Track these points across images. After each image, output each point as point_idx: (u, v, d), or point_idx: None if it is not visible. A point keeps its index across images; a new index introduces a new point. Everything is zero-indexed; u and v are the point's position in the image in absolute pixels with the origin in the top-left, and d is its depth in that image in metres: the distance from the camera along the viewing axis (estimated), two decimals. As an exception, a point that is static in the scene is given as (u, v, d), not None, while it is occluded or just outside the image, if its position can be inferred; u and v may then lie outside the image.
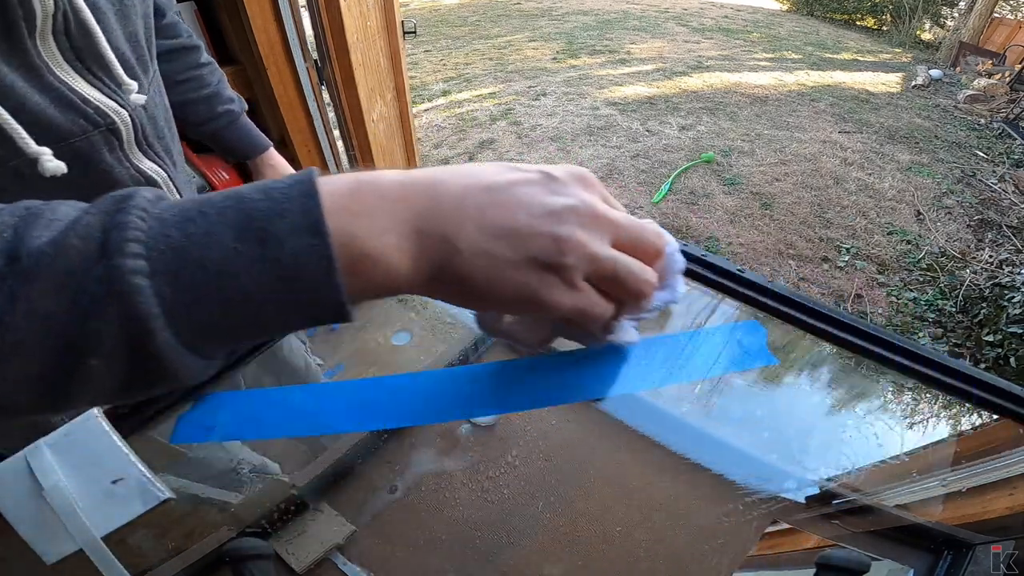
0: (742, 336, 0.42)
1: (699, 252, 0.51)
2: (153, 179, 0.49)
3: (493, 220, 0.23)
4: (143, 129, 0.47)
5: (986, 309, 2.21)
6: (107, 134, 0.42)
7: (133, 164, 0.47)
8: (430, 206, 0.23)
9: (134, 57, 0.46)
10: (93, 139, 0.41)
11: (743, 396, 0.61)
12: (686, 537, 0.54)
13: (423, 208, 0.23)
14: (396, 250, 0.22)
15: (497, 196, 0.24)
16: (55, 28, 0.36)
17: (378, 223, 0.22)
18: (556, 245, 0.24)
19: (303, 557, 0.51)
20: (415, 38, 2.43)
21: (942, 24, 7.80)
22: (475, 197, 0.24)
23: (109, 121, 0.42)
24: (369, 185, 0.23)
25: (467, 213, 0.23)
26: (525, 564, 0.53)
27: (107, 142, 0.43)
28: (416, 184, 0.24)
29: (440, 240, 0.23)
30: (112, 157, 0.44)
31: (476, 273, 0.23)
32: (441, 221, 0.23)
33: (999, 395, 0.42)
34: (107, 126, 0.42)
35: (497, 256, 0.23)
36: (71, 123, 0.39)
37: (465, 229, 0.23)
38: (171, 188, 0.52)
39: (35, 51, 0.36)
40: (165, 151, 0.52)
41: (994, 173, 3.63)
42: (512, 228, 0.23)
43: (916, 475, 0.54)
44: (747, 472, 0.57)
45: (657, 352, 0.40)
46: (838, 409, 0.60)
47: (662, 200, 3.12)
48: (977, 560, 0.44)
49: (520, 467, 0.60)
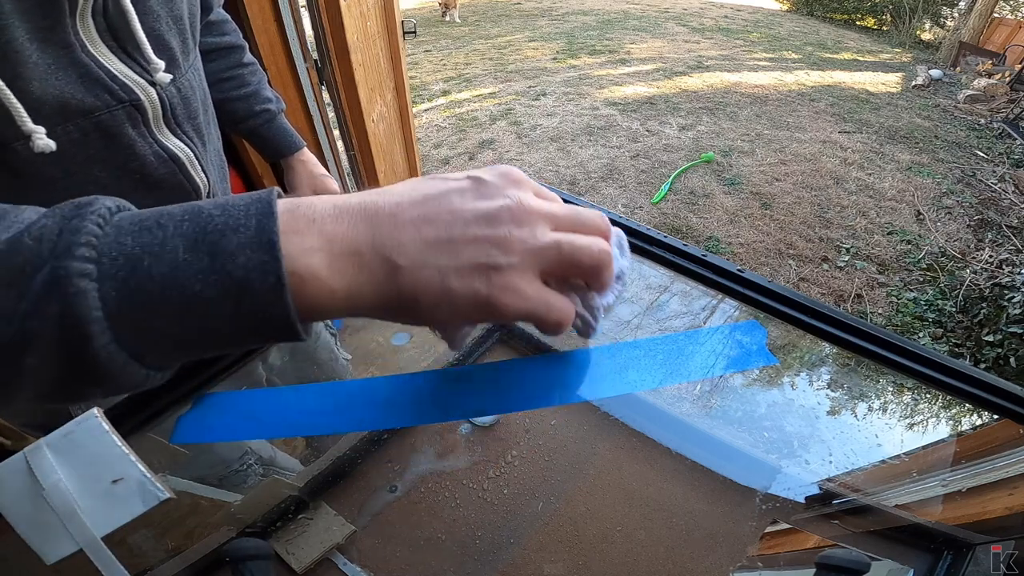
0: (742, 336, 0.42)
1: (699, 252, 0.51)
2: (176, 156, 0.50)
3: (429, 233, 0.23)
4: (172, 108, 0.48)
5: (986, 309, 2.21)
6: (131, 110, 0.43)
7: (157, 140, 0.47)
8: (365, 228, 0.23)
9: (177, 39, 0.48)
10: (116, 114, 0.42)
11: (743, 396, 0.61)
12: (686, 537, 0.54)
13: (358, 231, 0.23)
14: (327, 269, 0.22)
15: (429, 209, 0.24)
16: (95, 8, 0.39)
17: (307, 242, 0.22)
18: (496, 246, 0.24)
19: (303, 557, 0.51)
20: (415, 38, 2.43)
21: (942, 24, 7.80)
22: (408, 213, 0.24)
23: (134, 97, 0.43)
24: (305, 208, 0.23)
25: (403, 230, 0.23)
26: (525, 564, 0.53)
27: (130, 118, 0.44)
28: (350, 207, 0.23)
29: (381, 260, 0.23)
30: (135, 132, 0.45)
31: (424, 288, 0.23)
32: (379, 242, 0.23)
33: (999, 395, 0.42)
34: (131, 102, 0.43)
35: (440, 267, 0.23)
36: (95, 98, 0.40)
37: (403, 246, 0.23)
38: (196, 167, 0.52)
39: (73, 29, 0.37)
40: (196, 131, 0.52)
41: (994, 173, 3.63)
42: (448, 237, 0.23)
43: (916, 475, 0.54)
44: (747, 472, 0.57)
45: (657, 352, 0.40)
46: (838, 409, 0.60)
47: (662, 200, 3.12)
48: (977, 560, 0.44)
49: (520, 467, 0.60)
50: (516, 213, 0.25)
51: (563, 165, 3.46)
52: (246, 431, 0.48)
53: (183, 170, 0.50)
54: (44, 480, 0.25)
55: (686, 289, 0.59)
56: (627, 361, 0.40)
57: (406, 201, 0.24)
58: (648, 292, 0.62)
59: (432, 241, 0.23)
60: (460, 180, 0.26)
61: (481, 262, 0.23)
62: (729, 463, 0.57)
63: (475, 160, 3.50)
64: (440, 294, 0.23)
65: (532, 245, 0.24)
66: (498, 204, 0.24)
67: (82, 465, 0.26)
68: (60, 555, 0.25)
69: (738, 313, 0.52)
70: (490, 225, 0.24)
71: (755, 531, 0.51)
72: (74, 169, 0.42)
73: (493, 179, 0.26)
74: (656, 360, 0.39)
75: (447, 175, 0.26)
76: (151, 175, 0.47)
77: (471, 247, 0.23)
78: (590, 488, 0.60)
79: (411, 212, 0.24)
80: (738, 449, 0.59)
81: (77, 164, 0.42)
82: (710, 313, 0.57)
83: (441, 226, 0.24)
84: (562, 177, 3.33)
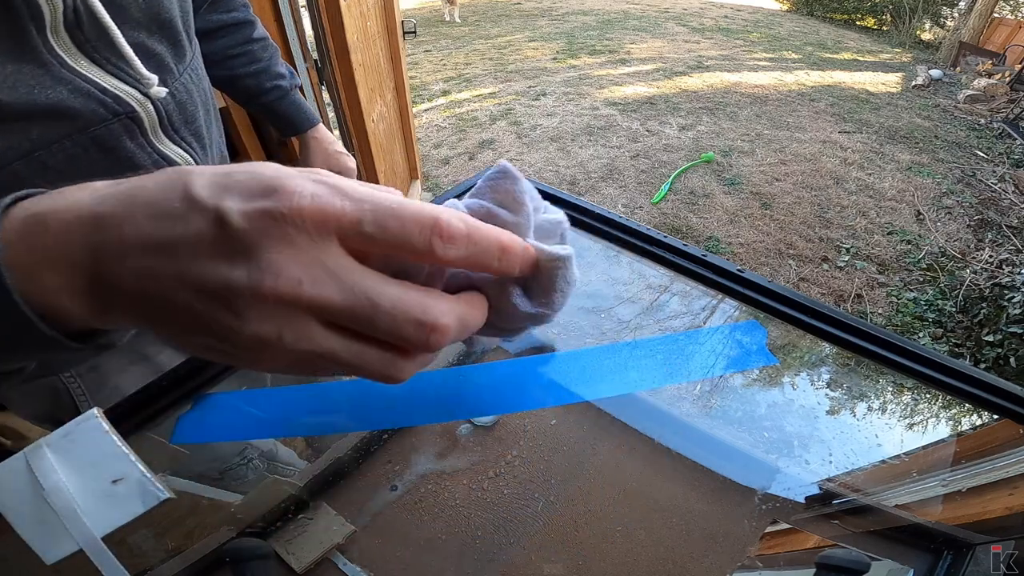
0: (742, 336, 0.42)
1: (699, 252, 0.51)
2: (176, 163, 0.48)
3: (155, 291, 0.19)
4: (169, 115, 0.47)
5: (986, 309, 2.21)
6: (127, 122, 0.42)
7: (156, 149, 0.47)
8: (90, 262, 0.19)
9: (165, 45, 0.46)
10: (112, 127, 0.41)
11: (743, 396, 0.61)
12: (686, 537, 0.54)
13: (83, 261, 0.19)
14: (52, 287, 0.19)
15: (156, 263, 0.18)
16: (67, 23, 0.37)
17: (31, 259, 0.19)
18: (227, 336, 0.19)
19: (303, 557, 0.51)
20: (415, 38, 2.43)
21: (942, 24, 7.80)
22: (134, 262, 0.19)
23: (128, 109, 0.42)
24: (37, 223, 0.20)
25: (126, 280, 0.19)
26: (525, 564, 0.53)
27: (127, 130, 0.43)
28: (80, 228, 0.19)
29: (106, 289, 0.19)
30: (134, 144, 0.44)
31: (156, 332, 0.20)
32: (99, 277, 0.19)
33: (999, 395, 0.42)
34: (127, 114, 0.42)
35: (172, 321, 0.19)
36: (91, 112, 0.39)
37: (123, 295, 0.19)
38: None
39: (45, 47, 0.36)
40: (194, 135, 0.51)
41: (994, 173, 3.63)
42: (173, 305, 0.19)
43: (916, 475, 0.54)
44: (747, 472, 0.57)
45: (657, 352, 0.40)
46: (838, 409, 0.60)
47: (662, 200, 3.12)
48: (977, 560, 0.44)
49: (520, 467, 0.60)
50: (259, 296, 0.18)
51: (563, 165, 3.46)
52: (246, 431, 0.48)
53: None
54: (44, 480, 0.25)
55: (686, 289, 0.59)
56: (627, 361, 0.40)
57: (131, 239, 0.19)
58: (648, 292, 0.63)
59: (155, 301, 0.19)
60: (200, 220, 0.18)
61: (209, 346, 0.19)
62: (729, 463, 0.57)
63: (475, 160, 3.49)
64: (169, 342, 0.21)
65: (282, 348, 0.19)
66: (232, 278, 0.18)
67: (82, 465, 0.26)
68: (60, 555, 0.25)
69: (738, 313, 0.52)
70: (221, 308, 0.18)
71: (755, 531, 0.51)
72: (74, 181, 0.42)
73: (246, 225, 0.18)
74: (656, 360, 0.39)
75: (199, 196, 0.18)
76: None
77: (196, 329, 0.19)
78: (590, 488, 0.60)
79: (133, 260, 0.19)
80: (738, 449, 0.59)
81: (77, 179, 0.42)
82: (710, 313, 0.57)
83: (164, 289, 0.18)
84: (562, 177, 3.33)
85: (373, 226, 0.19)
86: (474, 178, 0.65)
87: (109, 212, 0.19)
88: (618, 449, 0.63)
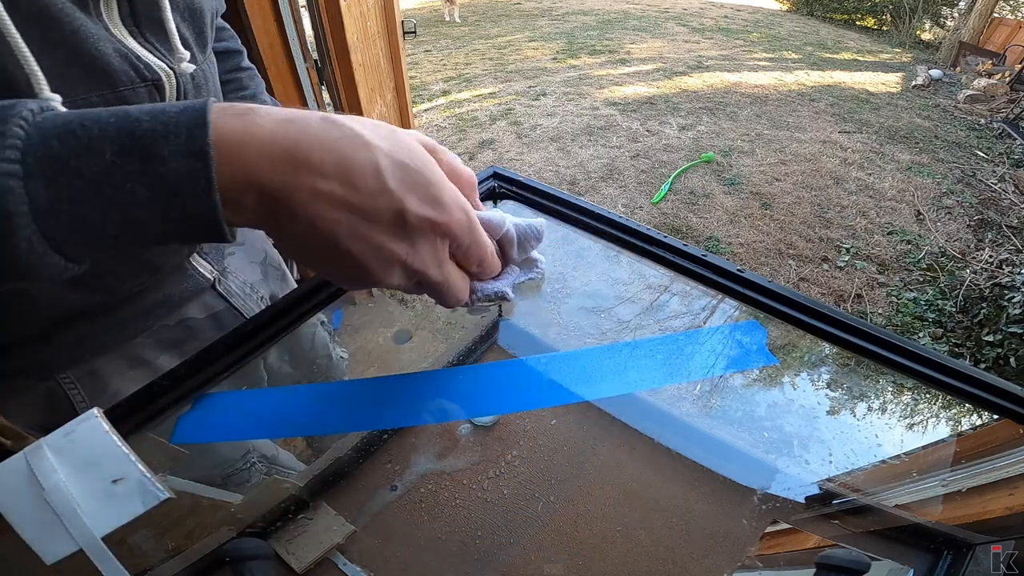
0: (742, 336, 0.42)
1: (699, 252, 0.51)
2: None
3: (326, 233, 0.26)
4: (186, 92, 0.48)
5: (986, 309, 2.21)
6: (151, 89, 0.44)
7: None
8: (271, 186, 0.24)
9: (191, 31, 0.48)
10: (139, 91, 0.43)
11: (743, 396, 0.61)
12: (686, 537, 0.54)
13: (265, 184, 0.24)
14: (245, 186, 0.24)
15: (341, 216, 0.26)
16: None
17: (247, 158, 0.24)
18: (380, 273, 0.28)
19: (303, 557, 0.51)
20: (415, 38, 2.43)
21: (942, 24, 7.80)
22: (318, 208, 0.25)
23: (156, 77, 0.43)
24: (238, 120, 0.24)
25: (300, 219, 0.25)
26: (525, 564, 0.53)
27: (150, 95, 0.44)
28: (290, 126, 0.25)
29: (272, 215, 0.25)
30: None
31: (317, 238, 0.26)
32: (275, 206, 0.25)
33: (999, 395, 0.42)
34: (153, 81, 0.43)
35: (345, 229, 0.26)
36: (123, 73, 0.41)
37: (296, 223, 0.25)
38: None
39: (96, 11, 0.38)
40: None
41: (994, 173, 3.63)
42: (338, 249, 0.26)
43: (916, 475, 0.54)
44: (747, 472, 0.57)
45: (657, 352, 0.40)
46: (838, 409, 0.60)
47: (662, 200, 3.12)
48: (977, 560, 0.44)
49: (520, 467, 0.60)
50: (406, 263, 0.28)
51: (563, 165, 3.46)
52: (246, 431, 0.48)
53: None
54: (44, 480, 0.25)
55: (686, 289, 0.59)
56: (627, 361, 0.40)
57: (325, 193, 0.25)
58: (648, 292, 0.62)
59: (347, 205, 0.25)
60: (386, 204, 0.26)
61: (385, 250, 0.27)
62: (729, 463, 0.57)
63: (475, 160, 3.49)
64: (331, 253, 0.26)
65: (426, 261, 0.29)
66: (394, 248, 0.27)
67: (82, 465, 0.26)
68: (60, 555, 0.25)
69: (738, 313, 0.52)
70: (375, 257, 0.27)
71: (755, 531, 0.51)
72: None
73: (418, 224, 0.27)
74: (656, 360, 0.39)
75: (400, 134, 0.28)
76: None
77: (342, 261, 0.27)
78: (590, 488, 0.60)
79: (320, 207, 0.25)
80: (738, 449, 0.59)
81: None
82: (710, 313, 0.57)
83: (334, 231, 0.26)
84: (562, 177, 3.33)
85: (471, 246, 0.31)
86: (474, 178, 0.65)
87: (304, 158, 0.25)
88: (618, 449, 0.62)
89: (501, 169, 0.65)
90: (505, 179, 0.65)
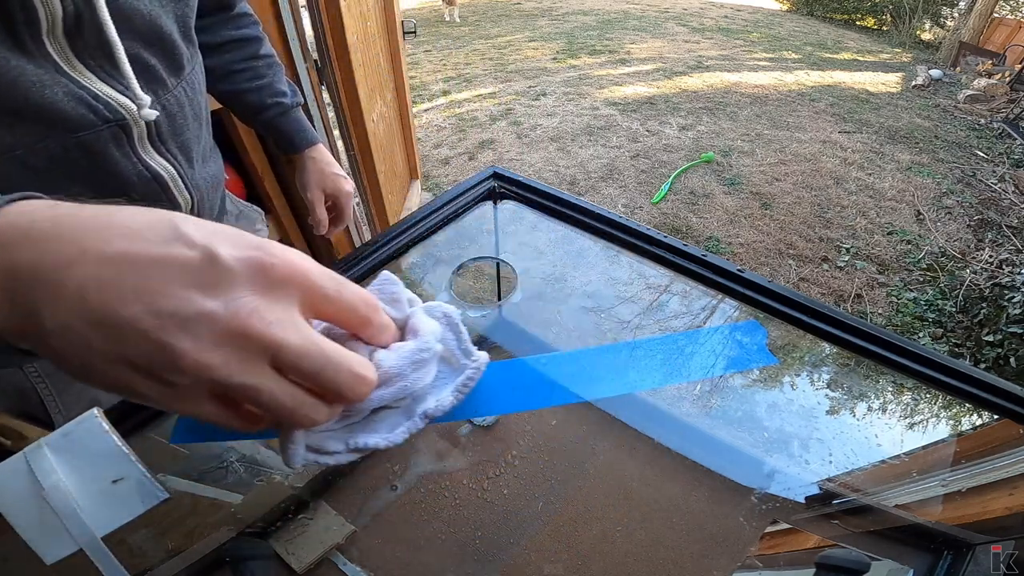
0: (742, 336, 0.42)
1: (699, 252, 0.51)
2: (159, 175, 0.48)
3: (96, 303, 0.18)
4: (158, 126, 0.46)
5: (986, 309, 2.21)
6: (116, 130, 0.42)
7: (141, 160, 0.46)
8: (29, 265, 0.19)
9: (160, 57, 0.46)
10: (101, 134, 0.41)
11: (743, 396, 0.61)
12: (686, 537, 0.54)
13: (21, 264, 0.19)
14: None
15: (117, 274, 0.18)
16: (67, 30, 0.37)
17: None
18: (166, 358, 0.19)
19: (303, 557, 0.51)
20: (415, 38, 2.43)
21: (942, 24, 7.80)
22: (87, 268, 0.18)
23: (119, 117, 0.42)
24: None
25: (66, 287, 0.18)
26: (525, 564, 0.53)
27: (115, 138, 0.43)
28: (30, 232, 0.19)
29: (29, 310, 0.19)
30: (119, 153, 0.44)
31: (67, 356, 0.19)
32: (33, 287, 0.19)
33: (999, 395, 0.42)
34: (116, 122, 0.42)
35: (89, 347, 0.19)
36: (80, 117, 0.39)
37: (57, 305, 0.18)
38: (179, 185, 0.51)
39: (40, 51, 0.36)
40: (181, 148, 0.51)
41: (994, 173, 3.63)
42: (114, 320, 0.18)
43: (916, 475, 0.54)
44: (747, 472, 0.57)
45: (657, 352, 0.40)
46: (838, 409, 0.60)
47: (662, 200, 3.12)
48: (977, 560, 0.44)
49: (520, 467, 0.59)
50: (221, 329, 0.19)
51: (563, 165, 3.46)
52: (246, 431, 0.48)
53: (166, 190, 0.49)
54: (44, 480, 0.25)
55: (686, 289, 0.59)
56: (627, 361, 0.40)
57: (95, 250, 0.19)
58: (648, 292, 0.62)
59: (93, 315, 0.18)
60: (193, 251, 0.19)
61: (140, 365, 0.19)
62: (729, 463, 0.57)
63: (475, 160, 3.49)
64: (84, 370, 0.20)
65: (216, 377, 0.19)
66: (205, 309, 0.19)
67: (82, 465, 0.26)
68: (60, 555, 0.25)
69: (738, 313, 0.52)
70: (175, 331, 0.18)
71: (755, 531, 0.51)
72: (52, 186, 0.41)
73: (236, 267, 0.20)
74: (656, 360, 0.39)
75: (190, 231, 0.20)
76: (132, 194, 0.47)
77: (134, 343, 0.19)
78: (590, 488, 0.60)
79: (90, 269, 0.18)
80: (738, 449, 0.59)
81: (55, 181, 0.41)
82: (710, 313, 0.57)
83: (116, 302, 0.18)
84: (562, 177, 3.33)
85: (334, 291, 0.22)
86: (473, 178, 0.65)
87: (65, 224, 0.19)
88: (618, 449, 0.63)
89: (501, 169, 0.65)
90: (505, 179, 0.65)
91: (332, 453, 0.28)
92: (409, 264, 0.60)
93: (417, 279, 0.64)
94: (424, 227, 0.59)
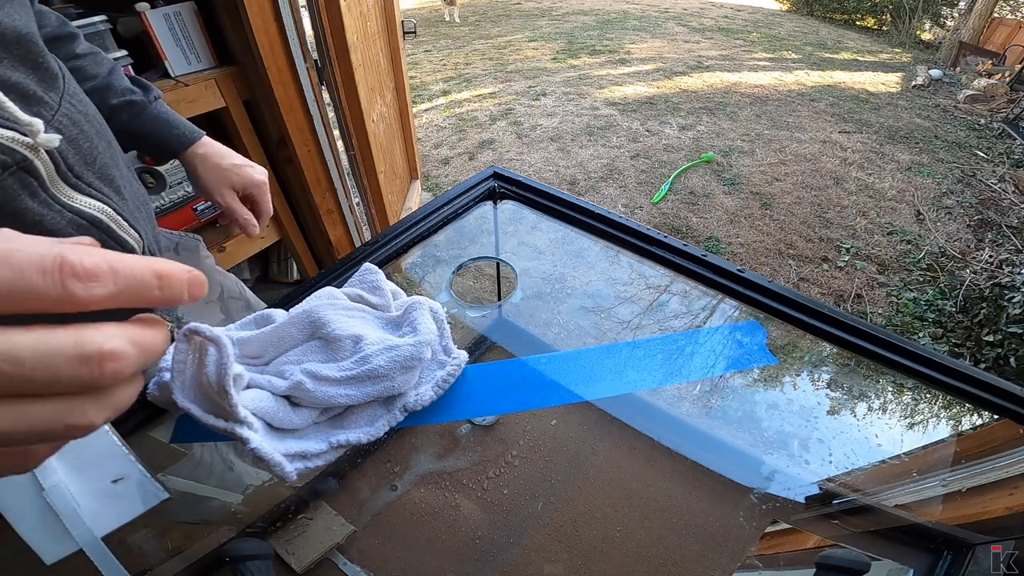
0: (742, 336, 0.42)
1: (699, 252, 0.51)
2: (95, 217, 0.41)
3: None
4: (63, 157, 0.38)
5: (986, 309, 2.21)
6: (20, 175, 0.34)
7: (64, 204, 0.38)
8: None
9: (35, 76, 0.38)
10: (6, 185, 0.33)
11: (743, 396, 0.61)
12: (686, 537, 0.54)
13: None
14: None
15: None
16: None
17: None
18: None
19: (303, 557, 0.51)
20: (415, 38, 2.43)
21: (942, 24, 7.80)
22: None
23: (18, 158, 0.33)
24: None
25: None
26: (525, 564, 0.53)
27: (23, 185, 0.35)
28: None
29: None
30: (35, 201, 0.36)
31: None
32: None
33: (999, 395, 0.42)
34: (17, 164, 0.34)
35: None
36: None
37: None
38: (120, 223, 0.43)
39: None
40: (102, 178, 0.43)
41: (994, 173, 3.63)
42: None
43: (916, 475, 0.54)
44: (747, 472, 0.57)
45: (657, 352, 0.40)
46: (838, 409, 0.60)
47: (662, 200, 3.12)
48: (977, 560, 0.44)
49: (520, 467, 0.60)
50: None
51: (563, 165, 3.46)
52: (246, 431, 0.48)
53: (109, 233, 0.42)
54: (44, 480, 0.25)
55: (686, 289, 0.59)
56: (627, 361, 0.40)
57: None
58: (648, 292, 0.62)
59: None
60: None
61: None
62: (729, 463, 0.57)
63: (475, 160, 3.49)
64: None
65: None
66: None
67: (82, 465, 0.26)
68: (60, 555, 0.25)
69: (738, 313, 0.52)
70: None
71: (755, 531, 0.51)
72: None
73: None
74: (656, 360, 0.39)
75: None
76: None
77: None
78: (590, 488, 0.60)
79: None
80: (738, 449, 0.59)
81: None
82: (710, 313, 0.57)
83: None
84: (562, 177, 3.33)
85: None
86: (473, 178, 0.66)
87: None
88: (618, 449, 0.63)
89: (501, 169, 0.65)
90: (505, 179, 0.65)
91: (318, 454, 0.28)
92: (409, 264, 0.60)
93: (417, 279, 0.64)
94: (424, 227, 0.59)
